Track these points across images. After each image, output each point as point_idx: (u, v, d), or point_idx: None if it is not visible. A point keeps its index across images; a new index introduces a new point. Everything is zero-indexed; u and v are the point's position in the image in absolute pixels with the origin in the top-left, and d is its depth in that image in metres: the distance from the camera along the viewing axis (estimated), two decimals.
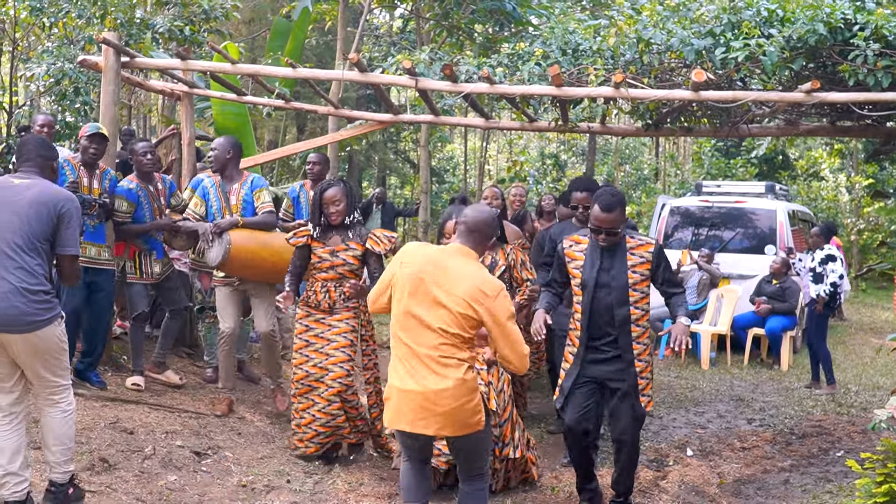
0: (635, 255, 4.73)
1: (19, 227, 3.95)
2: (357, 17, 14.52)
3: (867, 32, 5.50)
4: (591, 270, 4.75)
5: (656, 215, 12.64)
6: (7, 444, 4.02)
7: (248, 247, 5.99)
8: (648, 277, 4.75)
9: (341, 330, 5.53)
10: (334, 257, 5.50)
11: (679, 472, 5.87)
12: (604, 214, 4.63)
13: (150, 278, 6.53)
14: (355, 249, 5.52)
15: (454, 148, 29.24)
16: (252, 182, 6.29)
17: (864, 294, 18.63)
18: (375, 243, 5.50)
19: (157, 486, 4.83)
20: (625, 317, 4.71)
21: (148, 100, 13.97)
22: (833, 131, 7.43)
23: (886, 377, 9.54)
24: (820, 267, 8.84)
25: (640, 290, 4.73)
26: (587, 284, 4.75)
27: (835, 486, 5.71)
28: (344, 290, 5.51)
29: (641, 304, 4.76)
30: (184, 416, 6.04)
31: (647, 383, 4.77)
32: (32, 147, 4.26)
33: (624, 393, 4.71)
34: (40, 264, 3.99)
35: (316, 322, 5.57)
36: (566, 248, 4.93)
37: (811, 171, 23.08)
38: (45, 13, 8.80)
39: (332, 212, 5.46)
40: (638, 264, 4.72)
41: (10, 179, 4.16)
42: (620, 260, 4.72)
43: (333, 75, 7.59)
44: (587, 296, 4.76)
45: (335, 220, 5.47)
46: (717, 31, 5.93)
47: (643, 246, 4.77)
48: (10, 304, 3.88)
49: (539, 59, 6.49)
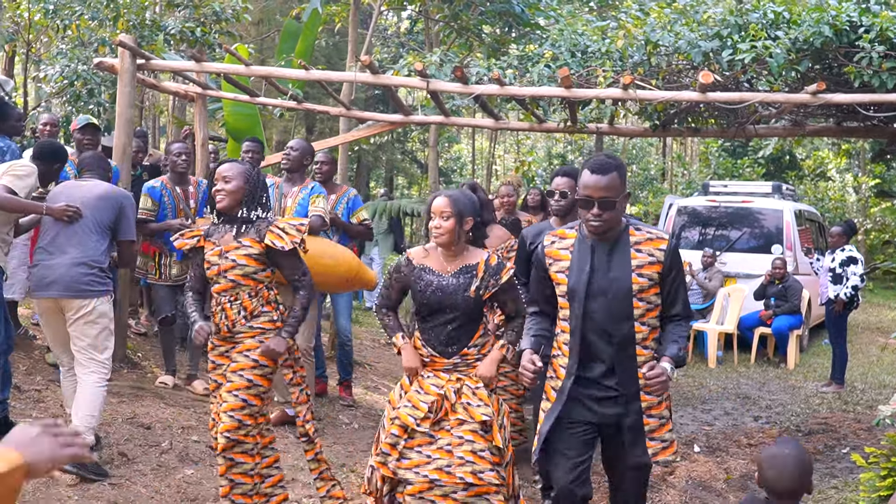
0: (642, 253, 3.46)
1: (90, 214, 4.81)
2: (367, 18, 14.61)
3: (872, 34, 5.58)
4: (580, 273, 3.49)
5: (664, 215, 12.72)
6: (69, 392, 4.98)
7: None
8: (657, 283, 3.47)
9: (238, 366, 4.13)
10: (223, 260, 4.14)
11: (686, 468, 5.95)
12: (595, 178, 3.40)
13: (168, 280, 6.58)
14: (250, 247, 4.13)
15: (462, 148, 29.34)
16: (312, 188, 6.15)
17: (871, 294, 18.68)
18: (277, 237, 4.12)
19: (174, 479, 4.94)
20: (626, 336, 3.46)
21: (159, 101, 14.10)
22: (839, 132, 7.51)
23: (892, 375, 9.61)
24: (840, 268, 8.89)
25: (648, 301, 3.46)
26: (576, 293, 3.50)
27: (840, 481, 5.79)
28: (244, 303, 4.15)
29: (649, 319, 3.49)
30: (199, 412, 6.14)
31: (660, 423, 3.54)
32: (93, 161, 5.25)
33: (626, 439, 3.52)
34: (101, 244, 4.84)
35: (220, 356, 4.25)
36: (547, 245, 3.63)
37: (818, 172, 23.12)
38: (59, 15, 8.91)
39: (220, 190, 4.13)
40: (646, 265, 3.45)
41: (79, 182, 5.11)
42: (621, 258, 3.47)
43: (346, 77, 7.68)
44: (576, 308, 3.50)
45: (221, 202, 4.13)
46: (724, 34, 6.02)
47: (653, 241, 3.48)
48: (72, 272, 4.70)
49: (548, 61, 6.58)
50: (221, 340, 4.23)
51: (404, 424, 3.90)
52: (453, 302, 3.94)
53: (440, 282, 3.97)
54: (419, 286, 4.00)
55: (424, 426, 3.89)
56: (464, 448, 3.83)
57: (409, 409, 3.92)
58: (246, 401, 4.10)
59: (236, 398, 4.09)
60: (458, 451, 3.83)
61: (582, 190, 3.44)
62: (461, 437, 3.85)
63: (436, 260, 4.03)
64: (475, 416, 3.86)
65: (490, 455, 3.85)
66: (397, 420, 3.92)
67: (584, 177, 3.44)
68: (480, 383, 3.97)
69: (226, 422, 4.08)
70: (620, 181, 3.43)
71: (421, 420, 3.89)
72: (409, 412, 3.91)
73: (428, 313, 4.01)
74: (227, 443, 4.08)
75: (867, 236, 20.93)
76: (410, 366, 4.03)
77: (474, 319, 4.02)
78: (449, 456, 3.83)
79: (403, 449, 3.89)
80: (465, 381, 3.96)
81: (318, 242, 5.88)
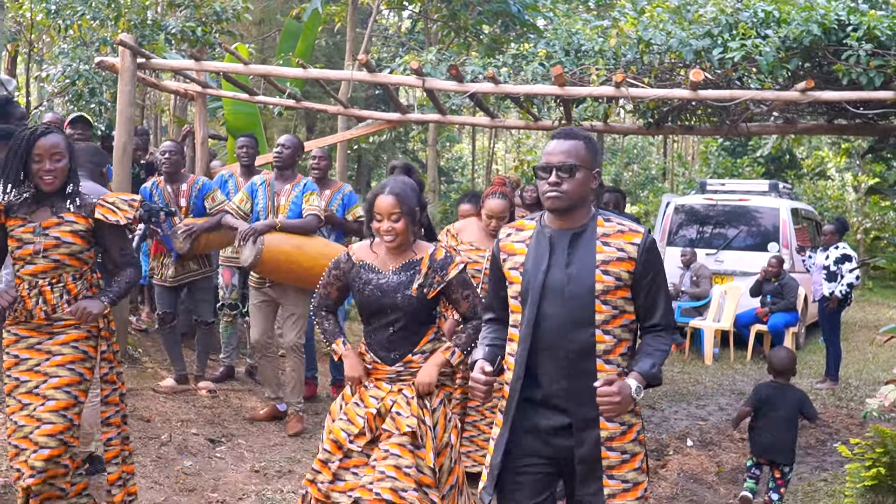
0: (610, 246, 2.83)
1: None
2: (366, 18, 14.71)
3: (860, 33, 5.65)
4: (535, 271, 2.86)
5: (661, 213, 12.79)
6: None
7: (283, 249, 5.69)
8: (627, 285, 2.83)
9: (65, 359, 3.66)
10: (40, 237, 3.64)
11: (679, 461, 6.02)
12: (555, 142, 2.87)
13: (166, 280, 6.55)
14: (75, 223, 3.68)
15: (462, 148, 29.42)
16: (305, 185, 6.06)
17: (870, 293, 18.75)
18: (109, 211, 3.71)
19: (173, 470, 5.04)
20: (584, 347, 2.79)
21: (160, 100, 14.20)
22: (830, 129, 7.59)
23: (886, 373, 9.66)
24: (835, 266, 8.97)
25: (614, 305, 2.81)
26: (528, 292, 2.86)
27: (830, 474, 5.87)
28: (68, 286, 3.69)
29: (615, 328, 2.82)
30: (198, 406, 6.24)
31: (623, 459, 2.83)
32: (84, 154, 4.63)
33: (578, 474, 2.85)
34: None
35: (29, 350, 3.68)
36: (502, 238, 3.04)
37: (817, 171, 23.18)
38: (61, 15, 9.00)
39: (49, 170, 3.61)
40: (613, 261, 2.81)
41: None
42: (584, 251, 2.84)
43: (343, 76, 7.77)
44: (528, 311, 2.85)
45: (50, 184, 3.63)
46: (714, 32, 6.10)
47: (625, 234, 2.85)
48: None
49: (542, 59, 6.67)
50: (32, 331, 3.68)
51: (337, 440, 3.53)
52: (393, 302, 3.54)
53: (379, 280, 3.58)
54: (357, 285, 3.62)
55: (359, 443, 3.51)
56: (387, 462, 3.41)
57: (344, 424, 3.56)
58: (77, 398, 3.66)
59: (68, 395, 3.62)
60: (381, 465, 3.41)
61: (543, 158, 2.88)
62: (387, 450, 3.44)
63: (378, 256, 3.65)
64: (400, 427, 3.45)
65: (417, 473, 3.39)
66: (331, 435, 3.56)
67: (547, 146, 2.90)
68: (417, 395, 3.56)
69: (54, 423, 3.57)
70: (587, 152, 2.85)
71: (355, 437, 3.51)
72: (343, 427, 3.55)
73: (368, 315, 3.62)
74: (57, 446, 3.56)
75: (867, 235, 20.98)
76: (352, 374, 3.64)
77: (421, 322, 3.61)
78: (373, 471, 3.43)
79: (339, 469, 3.50)
80: (403, 390, 3.58)
81: (315, 242, 5.90)
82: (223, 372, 7.14)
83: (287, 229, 5.79)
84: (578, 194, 2.83)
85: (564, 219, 2.88)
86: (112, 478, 3.82)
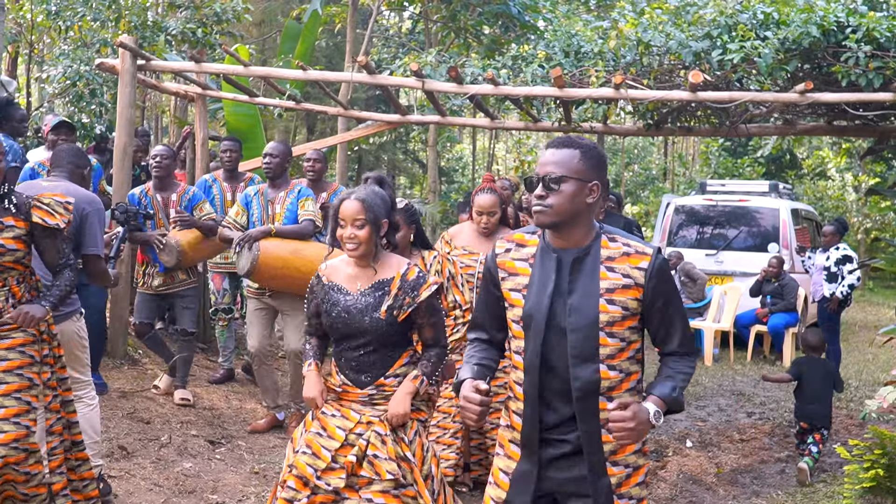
0: (615, 272, 2.59)
1: None
2: (366, 19, 14.72)
3: (859, 35, 5.67)
4: (540, 295, 2.62)
5: (661, 214, 12.80)
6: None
7: (279, 255, 5.59)
8: (636, 314, 2.60)
9: (11, 364, 3.52)
10: None
11: (678, 462, 6.03)
12: (548, 152, 2.63)
13: (150, 289, 6.35)
14: (15, 227, 3.59)
15: (463, 148, 29.43)
16: (299, 191, 5.99)
17: (870, 293, 18.76)
18: (47, 214, 3.63)
19: (173, 472, 5.04)
20: (589, 384, 2.57)
21: (160, 101, 14.21)
22: (829, 130, 7.62)
23: (886, 374, 9.66)
24: (835, 267, 8.98)
25: (620, 337, 2.59)
26: (533, 319, 2.62)
27: (829, 475, 5.88)
28: (12, 289, 3.61)
29: (621, 362, 2.61)
30: (198, 408, 6.26)
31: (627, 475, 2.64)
32: (65, 155, 4.52)
33: None
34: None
35: None
36: (500, 253, 2.75)
37: (818, 171, 23.18)
38: (61, 17, 9.01)
39: None
40: (618, 289, 2.57)
41: (39, 182, 4.40)
42: (587, 278, 2.60)
43: (343, 77, 7.79)
44: (533, 340, 2.62)
45: None
46: (714, 34, 6.11)
47: (630, 257, 2.59)
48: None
49: (542, 61, 6.68)
50: None
51: (302, 476, 3.26)
52: (360, 325, 3.33)
53: (346, 301, 3.37)
54: (325, 307, 3.42)
55: (327, 479, 3.25)
56: None
57: (309, 458, 3.29)
58: (30, 403, 3.52)
59: (19, 402, 3.48)
60: None
61: (536, 168, 2.63)
62: (369, 499, 3.22)
63: (346, 275, 3.44)
64: (381, 474, 3.23)
65: None
66: (294, 470, 3.29)
67: (542, 156, 2.65)
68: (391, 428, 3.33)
69: (8, 431, 3.42)
70: (582, 163, 2.57)
71: (322, 472, 3.26)
72: (309, 461, 3.28)
73: (338, 337, 3.42)
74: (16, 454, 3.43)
75: (867, 236, 20.98)
76: (307, 395, 3.44)
77: (394, 344, 3.39)
78: None
79: None
80: (373, 427, 3.31)
81: (311, 247, 5.80)
82: (223, 374, 7.14)
83: (283, 235, 5.74)
84: (566, 209, 2.56)
85: (561, 237, 2.63)
86: (57, 487, 3.65)
